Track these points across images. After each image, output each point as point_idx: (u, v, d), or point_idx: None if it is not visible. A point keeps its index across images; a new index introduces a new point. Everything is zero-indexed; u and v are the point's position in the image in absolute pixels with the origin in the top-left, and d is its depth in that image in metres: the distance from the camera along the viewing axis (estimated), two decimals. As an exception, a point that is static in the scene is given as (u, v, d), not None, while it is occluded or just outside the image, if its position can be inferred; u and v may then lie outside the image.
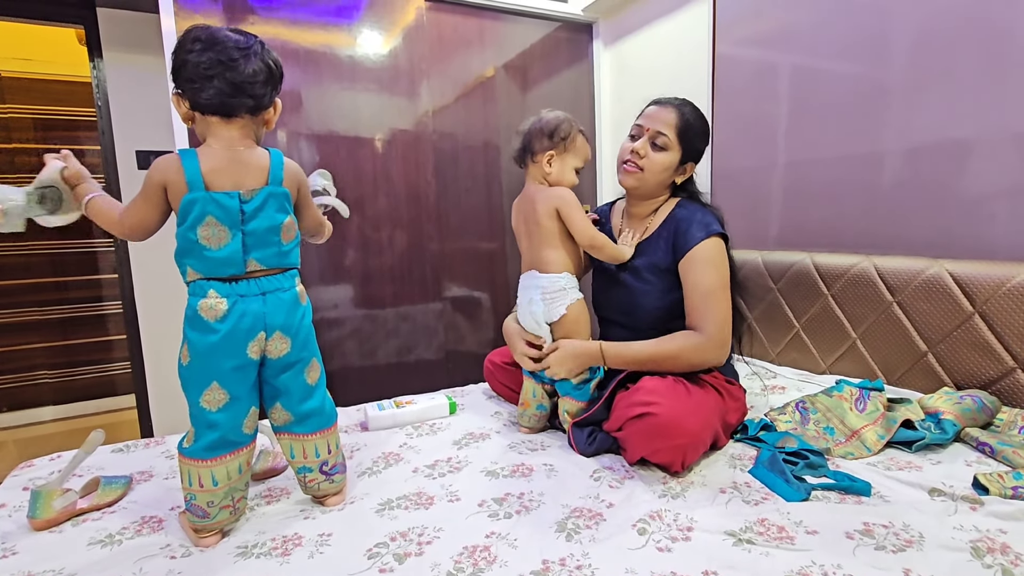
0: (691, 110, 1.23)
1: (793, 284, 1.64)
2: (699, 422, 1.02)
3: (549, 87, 2.31)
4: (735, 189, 1.89)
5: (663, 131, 1.19)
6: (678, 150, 1.21)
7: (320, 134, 1.86)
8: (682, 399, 1.04)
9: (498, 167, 2.20)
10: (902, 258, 1.40)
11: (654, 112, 1.21)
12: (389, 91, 1.95)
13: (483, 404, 1.49)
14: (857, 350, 1.48)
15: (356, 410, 1.47)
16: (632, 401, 1.04)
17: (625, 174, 1.23)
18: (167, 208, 0.87)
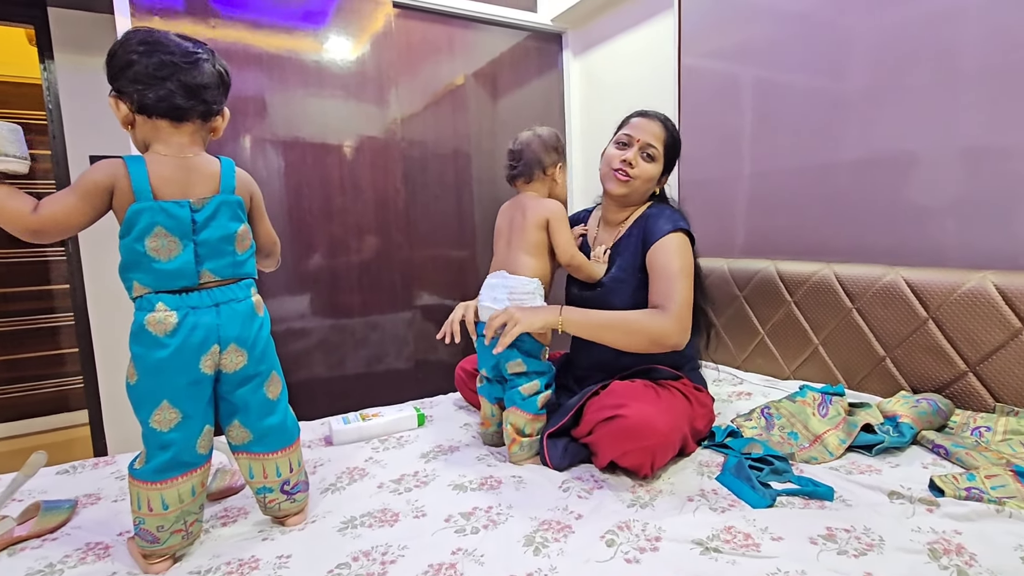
0: (672, 125, 1.28)
1: (758, 291, 1.67)
2: (668, 423, 1.02)
3: (519, 96, 2.32)
4: (702, 198, 1.92)
5: (653, 143, 1.22)
6: (662, 162, 1.25)
7: (285, 140, 1.83)
8: (651, 402, 1.04)
9: (468, 175, 2.19)
10: (861, 265, 1.44)
11: (643, 124, 1.24)
12: (357, 98, 1.93)
13: (453, 415, 1.47)
14: (819, 355, 1.51)
15: (320, 424, 1.43)
16: (602, 404, 1.04)
17: (617, 183, 1.24)
18: (103, 212, 0.82)
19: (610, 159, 1.25)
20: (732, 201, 1.84)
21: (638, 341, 1.10)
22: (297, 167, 1.85)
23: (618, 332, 1.10)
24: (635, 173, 1.22)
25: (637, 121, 1.25)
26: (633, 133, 1.23)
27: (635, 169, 1.22)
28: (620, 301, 1.21)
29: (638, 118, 1.25)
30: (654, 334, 1.09)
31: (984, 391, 1.20)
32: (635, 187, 1.24)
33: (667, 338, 1.09)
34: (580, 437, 1.10)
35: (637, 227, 1.25)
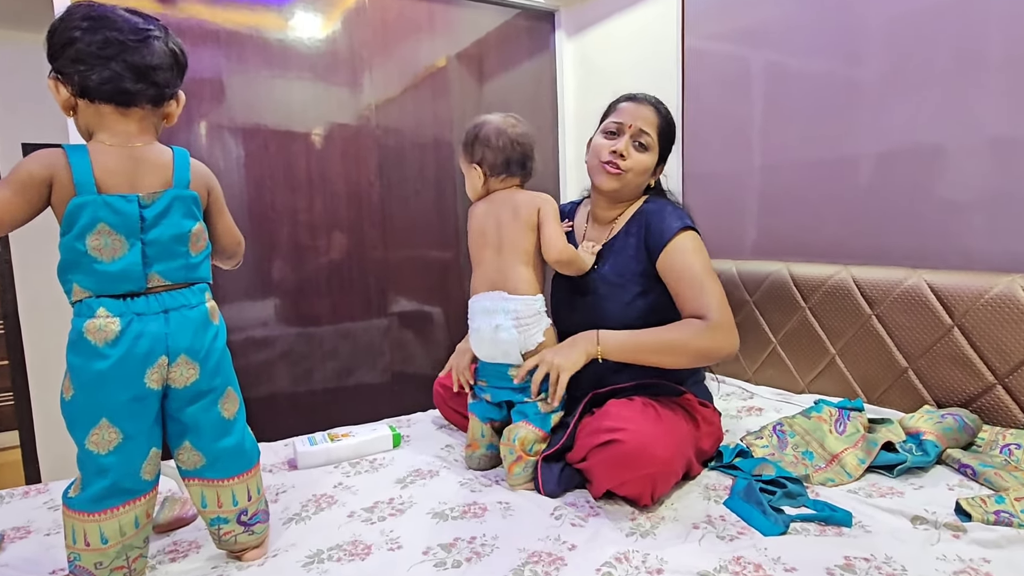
0: (664, 108, 1.27)
1: (769, 296, 1.68)
2: (670, 449, 1.02)
3: (508, 79, 2.32)
4: (707, 194, 1.94)
5: (646, 130, 1.21)
6: (656, 151, 1.24)
7: (246, 127, 1.81)
8: (651, 424, 1.04)
9: (451, 167, 2.19)
10: (880, 268, 1.46)
11: (633, 109, 1.23)
12: (326, 81, 1.92)
13: (432, 435, 1.46)
14: (836, 367, 1.53)
15: (284, 445, 1.41)
16: (597, 427, 1.04)
17: (607, 176, 1.23)
18: (41, 208, 0.80)
19: (598, 150, 1.24)
20: (740, 197, 1.85)
21: (687, 359, 1.09)
22: (259, 157, 1.83)
23: (663, 354, 1.10)
24: (627, 165, 1.21)
25: (626, 106, 1.24)
26: (623, 120, 1.22)
27: (627, 160, 1.21)
28: (615, 308, 1.21)
29: (627, 103, 1.24)
30: (703, 348, 1.08)
31: (1014, 405, 1.22)
32: (627, 180, 1.23)
33: (718, 350, 1.09)
34: (574, 462, 1.09)
35: (635, 225, 1.25)
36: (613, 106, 1.29)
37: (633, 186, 1.25)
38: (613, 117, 1.26)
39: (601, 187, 1.25)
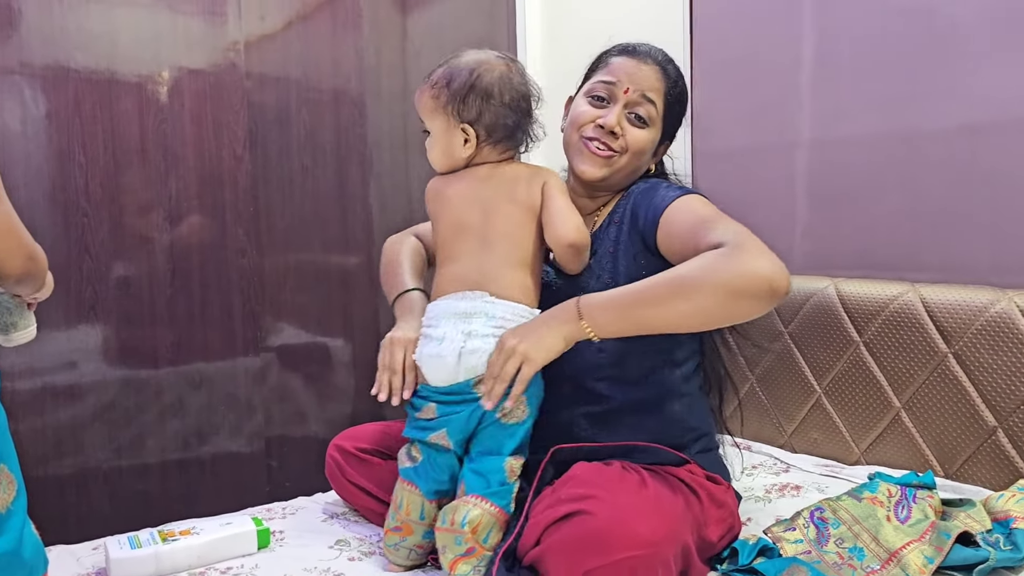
0: (675, 67, 1.30)
1: (811, 326, 1.73)
2: (658, 528, 1.03)
3: (444, 11, 2.33)
4: (725, 180, 1.98)
5: (650, 96, 1.24)
6: (660, 126, 1.27)
7: (46, 73, 1.79)
8: (632, 493, 1.06)
9: (361, 134, 2.19)
10: (959, 288, 1.51)
11: (631, 67, 1.25)
12: (170, 6, 1.91)
13: (318, 529, 1.44)
14: (902, 426, 1.58)
15: (93, 549, 1.38)
16: (557, 497, 1.05)
17: (590, 159, 1.26)
18: None
19: (579, 120, 1.27)
20: (771, 185, 1.89)
21: (712, 300, 1.04)
22: (66, 118, 1.81)
23: (676, 299, 1.05)
24: (620, 145, 1.24)
25: (621, 63, 1.26)
26: (616, 81, 1.25)
27: (620, 139, 1.24)
28: None
29: (622, 58, 1.27)
30: (732, 278, 1.02)
31: None
32: (620, 166, 1.26)
33: (755, 278, 1.02)
34: (524, 552, 1.09)
35: (620, 211, 1.28)
36: (603, 59, 1.31)
37: (626, 172, 1.28)
38: (602, 75, 1.27)
39: (583, 174, 1.28)
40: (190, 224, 1.96)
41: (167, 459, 1.95)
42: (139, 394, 1.91)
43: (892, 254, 1.68)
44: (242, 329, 2.04)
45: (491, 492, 1.16)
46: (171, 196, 1.93)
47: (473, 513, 1.13)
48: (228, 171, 2.00)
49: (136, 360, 1.91)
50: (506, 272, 1.21)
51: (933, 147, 1.60)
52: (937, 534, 1.22)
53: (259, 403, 2.06)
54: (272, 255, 2.08)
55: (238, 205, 2.02)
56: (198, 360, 1.98)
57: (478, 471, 1.18)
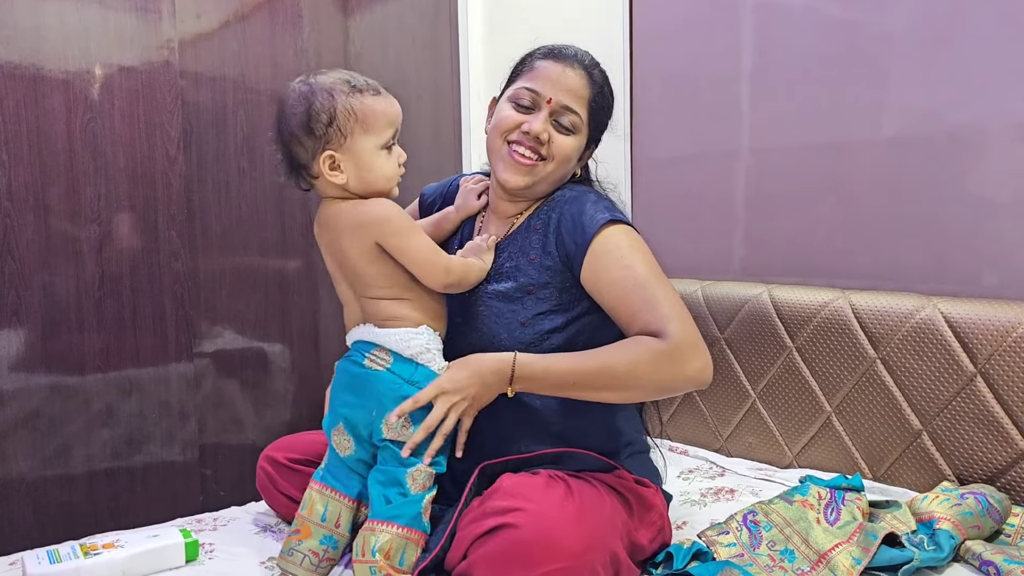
0: (600, 71, 1.30)
1: (746, 331, 1.77)
2: (583, 537, 1.03)
3: (387, 10, 2.33)
4: (665, 187, 2.01)
5: (572, 107, 1.24)
6: (586, 131, 1.27)
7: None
8: (559, 503, 1.06)
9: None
10: (887, 294, 1.57)
11: (556, 74, 1.25)
12: (101, 1, 1.87)
13: (249, 541, 1.42)
14: (832, 429, 1.62)
15: (10, 564, 1.34)
16: (483, 510, 1.05)
17: (514, 167, 1.25)
18: None
19: (503, 125, 1.26)
20: (709, 193, 1.93)
21: (640, 392, 1.18)
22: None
23: (608, 387, 1.15)
24: (547, 152, 1.24)
25: (546, 68, 1.25)
26: (539, 89, 1.24)
27: (546, 146, 1.24)
28: (505, 331, 1.24)
29: (547, 62, 1.26)
30: (664, 379, 1.14)
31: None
32: (545, 174, 1.26)
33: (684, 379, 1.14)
34: (451, 568, 1.09)
35: (541, 218, 1.29)
36: (528, 62, 1.30)
37: (551, 180, 1.29)
38: (526, 80, 1.26)
39: (505, 182, 1.27)
40: (120, 226, 1.93)
41: (95, 469, 1.91)
42: (66, 402, 1.87)
43: (825, 261, 1.73)
44: (175, 334, 2.01)
45: (394, 514, 1.14)
46: (100, 197, 1.90)
47: (382, 540, 1.12)
48: (161, 172, 1.97)
49: (62, 366, 1.87)
50: (379, 306, 1.21)
51: (864, 157, 1.65)
52: (864, 535, 1.25)
53: (193, 410, 2.04)
54: (207, 258, 2.06)
55: (171, 207, 1.99)
56: (129, 366, 1.95)
57: (382, 483, 1.17)
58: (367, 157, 1.18)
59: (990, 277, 1.48)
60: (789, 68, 1.76)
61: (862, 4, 1.63)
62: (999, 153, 1.47)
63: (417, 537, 1.14)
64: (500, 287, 1.26)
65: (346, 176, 1.18)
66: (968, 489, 1.34)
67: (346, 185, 1.19)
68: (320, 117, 1.15)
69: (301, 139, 1.17)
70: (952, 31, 1.50)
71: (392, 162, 1.22)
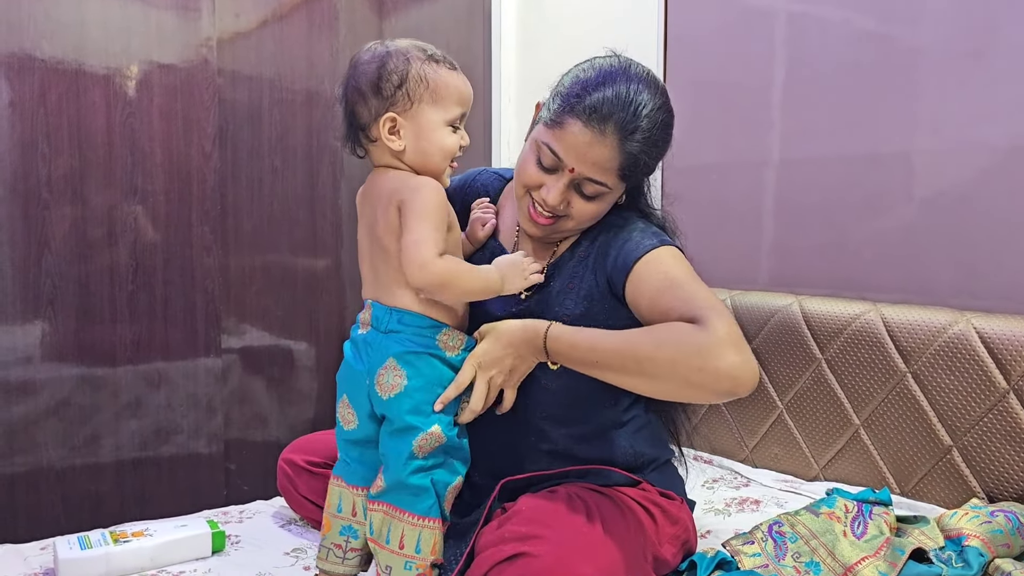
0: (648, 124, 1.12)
1: (775, 342, 1.76)
2: (604, 567, 1.03)
3: (421, 14, 2.35)
4: (695, 195, 2.00)
5: (596, 178, 1.13)
6: (621, 188, 1.19)
7: (11, 61, 1.77)
8: (578, 529, 1.06)
9: (331, 135, 2.19)
10: (920, 308, 1.55)
11: (583, 144, 1.11)
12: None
13: (274, 534, 1.44)
14: (860, 443, 1.61)
15: (41, 549, 1.37)
16: (502, 535, 1.04)
17: (529, 222, 1.20)
18: None
19: (523, 177, 1.19)
20: (739, 202, 1.93)
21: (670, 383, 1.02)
22: (30, 108, 1.79)
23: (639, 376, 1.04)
24: (566, 212, 1.18)
25: (575, 131, 1.11)
26: (563, 155, 1.12)
27: (563, 207, 1.17)
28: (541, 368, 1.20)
29: (577, 124, 1.10)
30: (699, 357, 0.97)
31: (1084, 500, 1.32)
32: (565, 228, 1.22)
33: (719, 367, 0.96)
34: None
35: (586, 243, 1.25)
36: (560, 112, 1.13)
37: (576, 231, 1.25)
38: (551, 137, 1.13)
39: (525, 229, 1.24)
40: (155, 221, 1.95)
41: (122, 459, 1.93)
42: (96, 392, 1.89)
43: (855, 273, 1.72)
44: (204, 329, 2.03)
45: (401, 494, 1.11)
46: (136, 191, 1.92)
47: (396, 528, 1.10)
48: (196, 168, 1.99)
49: (94, 357, 1.89)
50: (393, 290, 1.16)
51: (896, 170, 1.65)
52: (892, 550, 1.24)
53: (219, 405, 2.05)
54: (238, 255, 2.07)
55: (205, 203, 2.01)
56: (158, 359, 1.96)
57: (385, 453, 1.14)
58: (429, 128, 1.15)
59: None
60: (821, 79, 1.76)
61: (896, 16, 1.63)
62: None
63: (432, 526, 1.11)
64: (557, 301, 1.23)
65: (404, 143, 1.14)
66: (998, 507, 1.33)
67: (402, 153, 1.15)
68: (391, 77, 1.12)
69: (367, 98, 1.13)
70: (986, 44, 1.50)
71: (454, 139, 1.17)
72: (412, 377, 1.12)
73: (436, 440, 1.11)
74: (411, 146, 1.15)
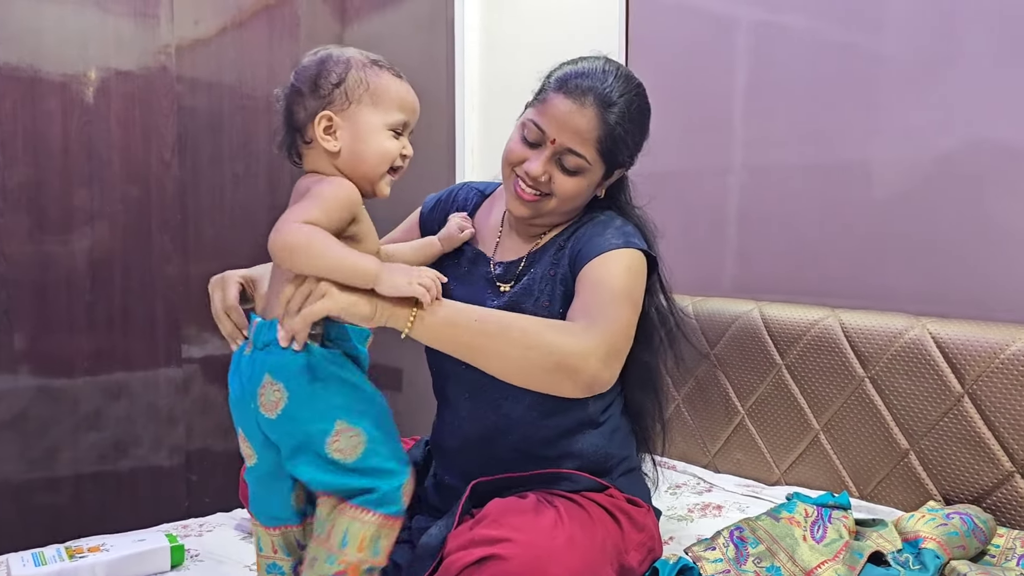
0: (625, 103, 1.21)
1: (736, 348, 1.78)
2: (573, 569, 1.03)
3: (383, 20, 2.35)
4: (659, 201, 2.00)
5: (576, 149, 1.18)
6: (600, 167, 1.23)
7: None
8: (548, 532, 1.06)
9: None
10: (877, 314, 1.58)
11: (563, 112, 1.19)
12: (100, 5, 1.88)
13: (234, 548, 1.42)
14: (820, 448, 1.63)
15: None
16: (471, 537, 1.04)
17: (516, 200, 1.23)
18: None
19: (509, 156, 1.24)
20: (702, 209, 1.94)
21: (535, 362, 1.04)
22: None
23: (505, 341, 1.04)
24: (547, 189, 1.22)
25: (555, 102, 1.19)
26: (545, 127, 1.19)
27: (548, 184, 1.21)
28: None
29: (558, 96, 1.19)
30: (564, 353, 1.04)
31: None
32: (550, 208, 1.24)
33: (583, 363, 1.04)
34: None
35: (567, 235, 1.28)
36: (544, 89, 1.23)
37: (559, 213, 1.26)
38: (536, 113, 1.21)
39: (511, 210, 1.26)
40: (113, 229, 1.94)
41: (81, 472, 1.91)
42: (54, 404, 1.87)
43: (815, 279, 1.74)
44: (165, 338, 2.01)
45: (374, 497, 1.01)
46: (94, 200, 1.90)
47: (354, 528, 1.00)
48: (155, 176, 1.98)
49: (52, 369, 1.87)
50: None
51: (856, 178, 1.67)
52: (850, 553, 1.27)
53: (181, 415, 2.04)
54: (199, 263, 2.06)
55: (165, 212, 2.00)
56: (118, 370, 1.95)
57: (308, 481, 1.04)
58: (367, 130, 1.08)
59: (979, 298, 1.50)
60: (783, 88, 1.78)
61: (857, 26, 1.66)
62: (989, 176, 1.49)
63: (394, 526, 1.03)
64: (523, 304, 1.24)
65: (339, 144, 1.06)
66: (954, 509, 1.35)
67: (337, 156, 1.07)
68: (330, 76, 1.07)
69: (305, 96, 1.08)
70: (945, 55, 1.53)
71: (394, 145, 1.09)
72: (291, 388, 1.04)
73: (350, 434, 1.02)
74: (347, 148, 1.07)
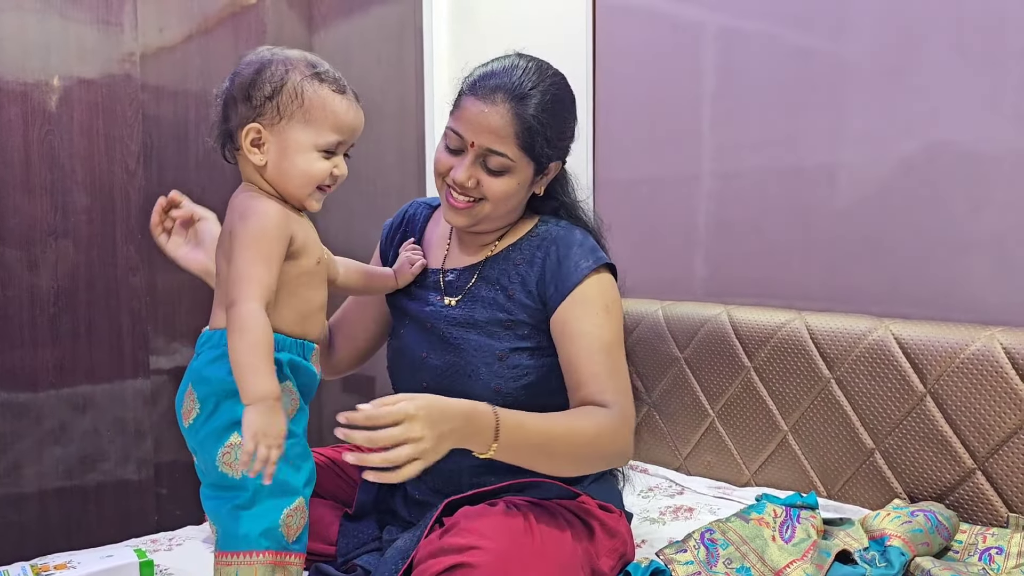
0: (539, 95, 1.21)
1: (705, 351, 1.81)
2: (544, 573, 1.05)
3: (352, 27, 2.35)
4: (625, 209, 2.05)
5: (496, 149, 1.18)
6: (527, 164, 1.23)
7: (-79, 76, 1.72)
8: (517, 539, 1.07)
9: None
10: (841, 316, 1.62)
11: (475, 115, 1.18)
12: (62, 13, 1.86)
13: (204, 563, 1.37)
14: (788, 448, 1.66)
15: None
16: (440, 546, 1.04)
17: (450, 209, 1.24)
18: None
19: (436, 167, 1.25)
20: (671, 215, 1.97)
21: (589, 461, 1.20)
22: (-57, 124, 1.75)
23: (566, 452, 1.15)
24: (479, 193, 1.22)
25: (468, 105, 1.20)
26: (463, 132, 1.19)
27: (478, 189, 1.21)
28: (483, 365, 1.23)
29: (470, 98, 1.20)
30: (609, 451, 1.19)
31: (995, 496, 1.39)
32: (485, 214, 1.24)
33: (620, 455, 1.20)
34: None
35: (529, 249, 1.28)
36: (457, 99, 1.25)
37: (496, 216, 1.26)
38: (453, 119, 1.23)
39: (449, 221, 1.27)
40: (77, 240, 1.91)
41: (46, 488, 1.88)
42: (17, 419, 1.85)
43: (782, 283, 1.78)
44: (132, 350, 2.00)
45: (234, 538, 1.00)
46: (57, 210, 1.88)
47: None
48: (120, 186, 1.96)
49: (14, 382, 1.85)
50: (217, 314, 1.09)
51: (820, 183, 1.71)
52: (818, 553, 1.29)
53: (149, 428, 2.02)
54: (166, 273, 2.04)
55: (130, 222, 1.98)
56: (83, 382, 1.93)
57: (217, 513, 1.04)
58: (294, 149, 1.04)
59: (939, 300, 1.54)
60: (749, 94, 1.82)
61: (820, 32, 1.69)
62: (949, 180, 1.53)
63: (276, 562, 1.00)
64: (475, 316, 1.26)
65: (265, 159, 1.04)
66: (918, 507, 1.39)
67: (263, 169, 1.05)
68: (264, 87, 1.03)
69: (237, 103, 1.05)
70: (907, 61, 1.57)
71: (323, 166, 1.06)
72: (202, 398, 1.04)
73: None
74: (272, 164, 1.05)
